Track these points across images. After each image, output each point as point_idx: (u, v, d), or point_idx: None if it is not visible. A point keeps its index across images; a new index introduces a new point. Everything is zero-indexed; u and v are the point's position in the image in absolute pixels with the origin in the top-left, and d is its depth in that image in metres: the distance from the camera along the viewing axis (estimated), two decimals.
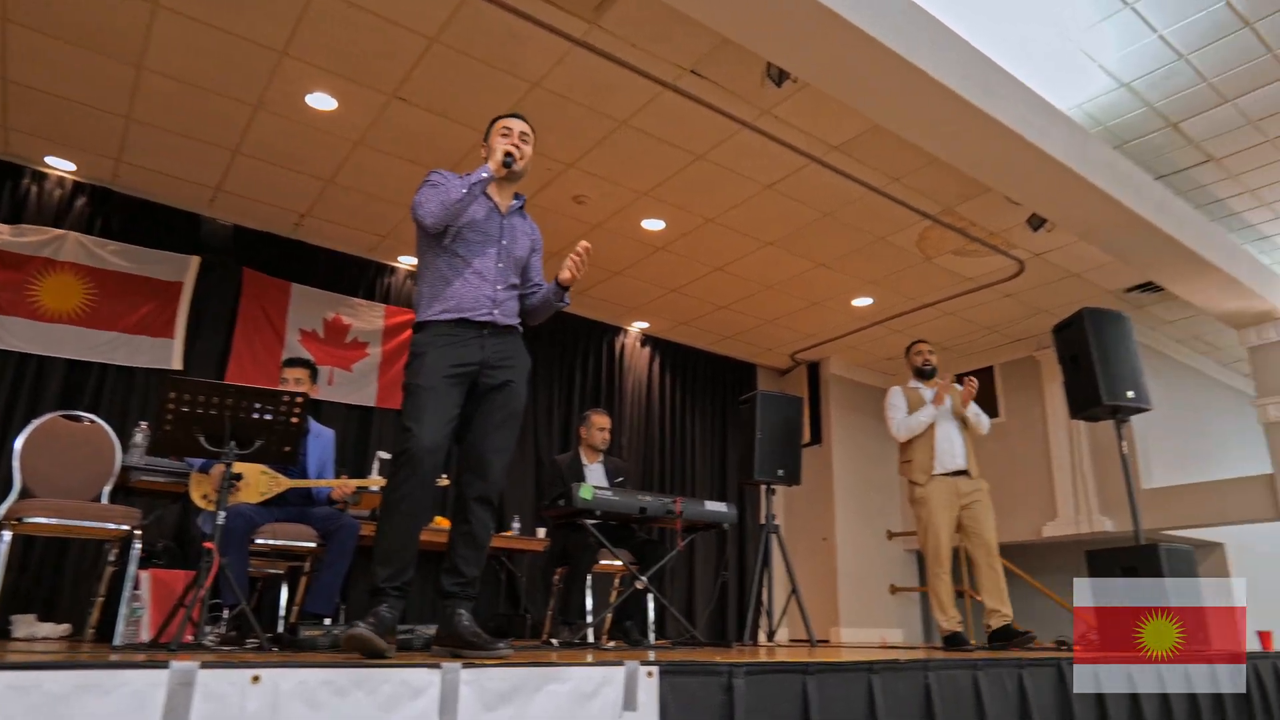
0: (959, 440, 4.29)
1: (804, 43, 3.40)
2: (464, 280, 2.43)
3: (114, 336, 5.23)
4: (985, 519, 4.17)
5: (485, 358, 2.40)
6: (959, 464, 4.25)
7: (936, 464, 4.25)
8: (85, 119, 4.66)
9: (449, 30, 3.94)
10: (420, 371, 2.32)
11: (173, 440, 2.80)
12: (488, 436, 2.41)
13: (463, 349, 2.37)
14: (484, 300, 2.43)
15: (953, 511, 4.17)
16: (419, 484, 2.24)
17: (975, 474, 4.29)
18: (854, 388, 8.52)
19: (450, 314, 2.39)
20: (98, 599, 3.31)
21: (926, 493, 4.22)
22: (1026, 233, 5.58)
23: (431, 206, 2.37)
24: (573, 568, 4.01)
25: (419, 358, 2.36)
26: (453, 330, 2.38)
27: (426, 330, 2.40)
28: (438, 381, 2.30)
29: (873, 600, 7.88)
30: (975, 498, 4.20)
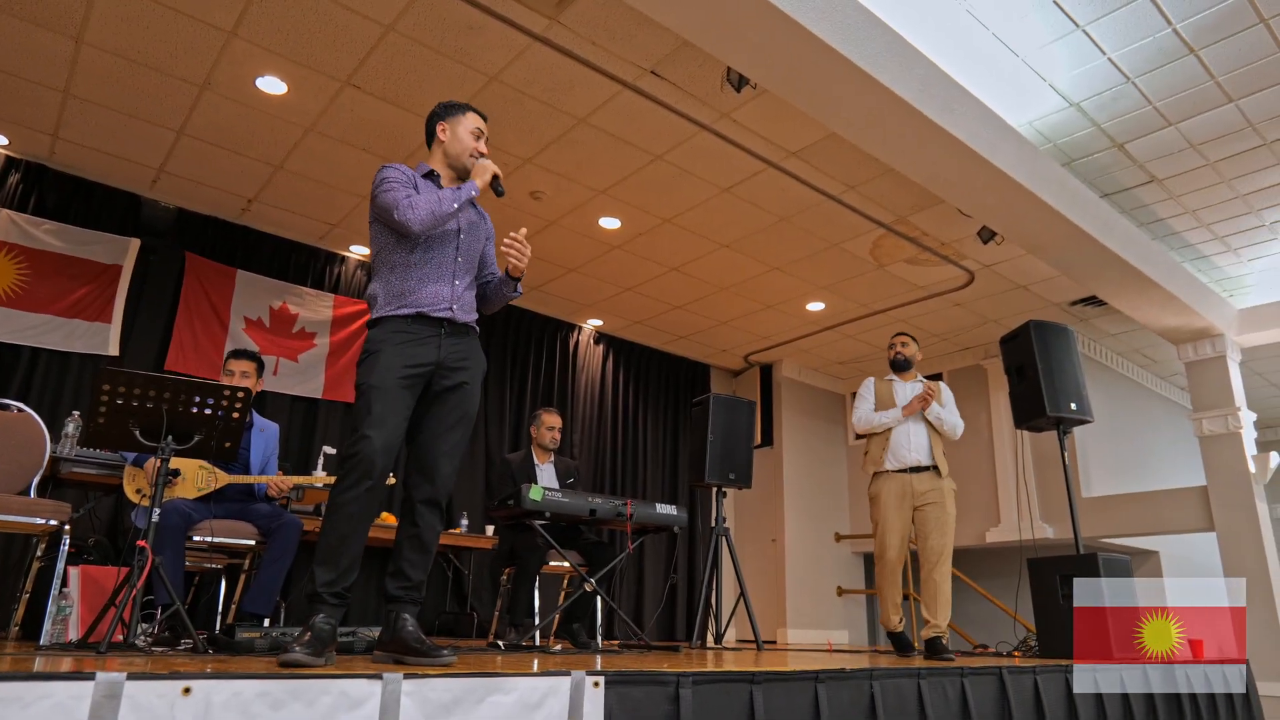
0: (919, 435, 4.12)
1: (764, 49, 3.41)
2: (422, 276, 2.37)
3: (47, 319, 5.02)
4: (936, 522, 3.99)
5: (441, 358, 2.35)
6: (916, 459, 4.08)
7: (889, 457, 4.12)
8: (20, 92, 4.45)
9: (405, 18, 3.86)
10: (374, 371, 2.26)
11: (106, 433, 2.70)
12: (439, 438, 2.36)
13: (419, 348, 2.31)
14: (442, 296, 2.38)
15: (904, 510, 4.04)
16: (368, 488, 2.19)
17: (943, 472, 4.09)
18: (806, 390, 8.63)
19: (408, 309, 2.33)
20: (24, 595, 3.17)
21: (877, 489, 4.14)
22: (977, 244, 5.72)
23: (422, 214, 2.29)
24: (520, 568, 3.98)
25: (374, 355, 2.29)
26: (409, 327, 2.32)
27: (382, 326, 2.33)
28: (392, 383, 2.25)
29: (820, 602, 8.01)
30: (931, 499, 4.02)
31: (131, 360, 5.27)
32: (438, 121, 2.54)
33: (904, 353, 4.39)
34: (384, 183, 2.37)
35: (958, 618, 6.97)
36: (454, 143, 2.50)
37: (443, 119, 2.53)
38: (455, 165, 2.51)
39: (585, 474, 7.35)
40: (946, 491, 4.07)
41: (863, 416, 4.28)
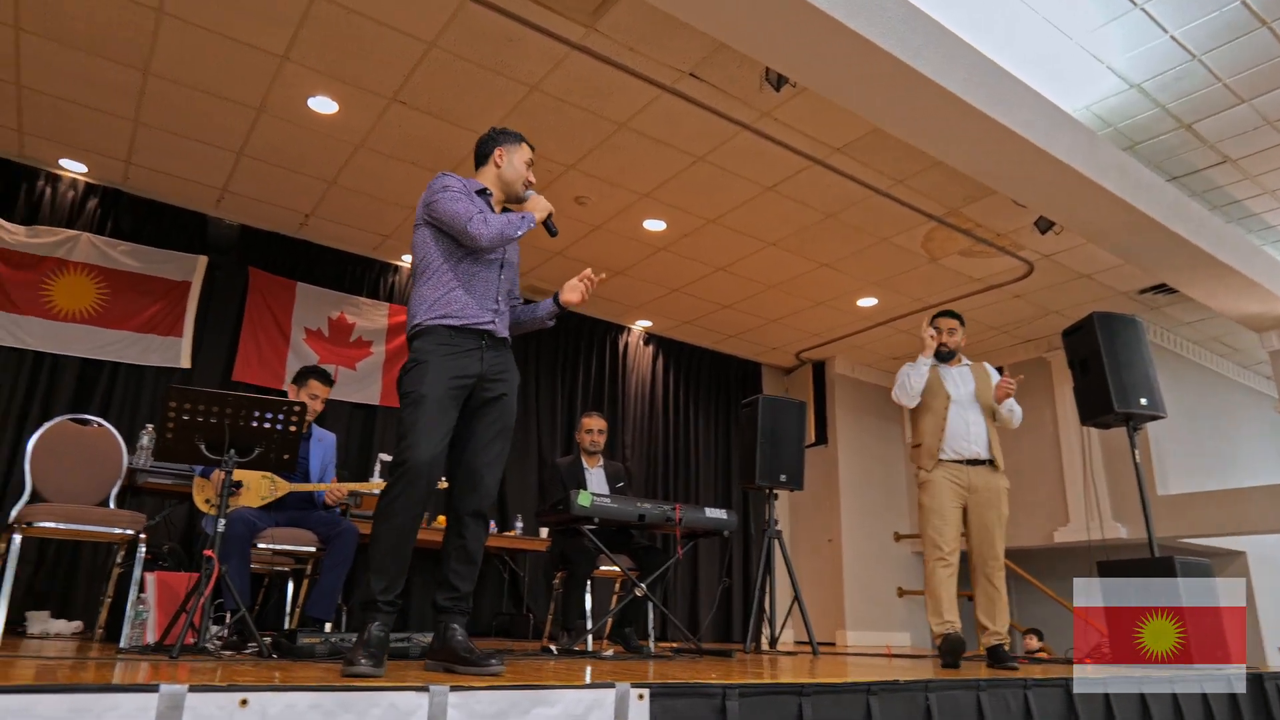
0: (979, 424, 3.81)
1: (803, 48, 3.37)
2: (469, 290, 2.43)
3: (124, 335, 5.29)
4: (992, 520, 3.75)
5: (483, 370, 2.40)
6: (975, 451, 3.77)
7: (946, 448, 3.79)
8: (95, 123, 4.71)
9: (446, 34, 3.94)
10: (423, 380, 2.30)
11: (175, 447, 2.84)
12: (482, 450, 2.40)
13: (464, 359, 2.36)
14: (487, 310, 2.43)
15: (959, 502, 3.74)
16: (417, 497, 2.23)
17: (1000, 467, 3.80)
18: (860, 387, 8.49)
19: (453, 320, 2.38)
20: (106, 599, 3.37)
21: (930, 477, 3.79)
22: (1035, 235, 5.53)
23: (494, 232, 2.36)
24: (571, 573, 4.03)
25: (420, 365, 2.33)
26: (453, 339, 2.37)
27: (427, 337, 2.38)
28: (441, 393, 2.29)
29: (879, 603, 7.87)
30: (986, 498, 3.74)
31: (202, 372, 5.52)
32: (496, 146, 2.60)
33: (949, 342, 3.96)
34: (447, 190, 2.42)
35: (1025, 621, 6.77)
36: (509, 170, 2.57)
37: (500, 144, 2.60)
38: (507, 191, 2.59)
39: (638, 476, 7.39)
40: (1002, 491, 3.83)
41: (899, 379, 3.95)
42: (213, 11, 3.81)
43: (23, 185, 5.15)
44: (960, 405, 3.85)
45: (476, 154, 2.64)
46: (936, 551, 3.74)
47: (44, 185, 5.22)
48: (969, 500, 3.80)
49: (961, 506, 3.79)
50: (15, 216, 5.09)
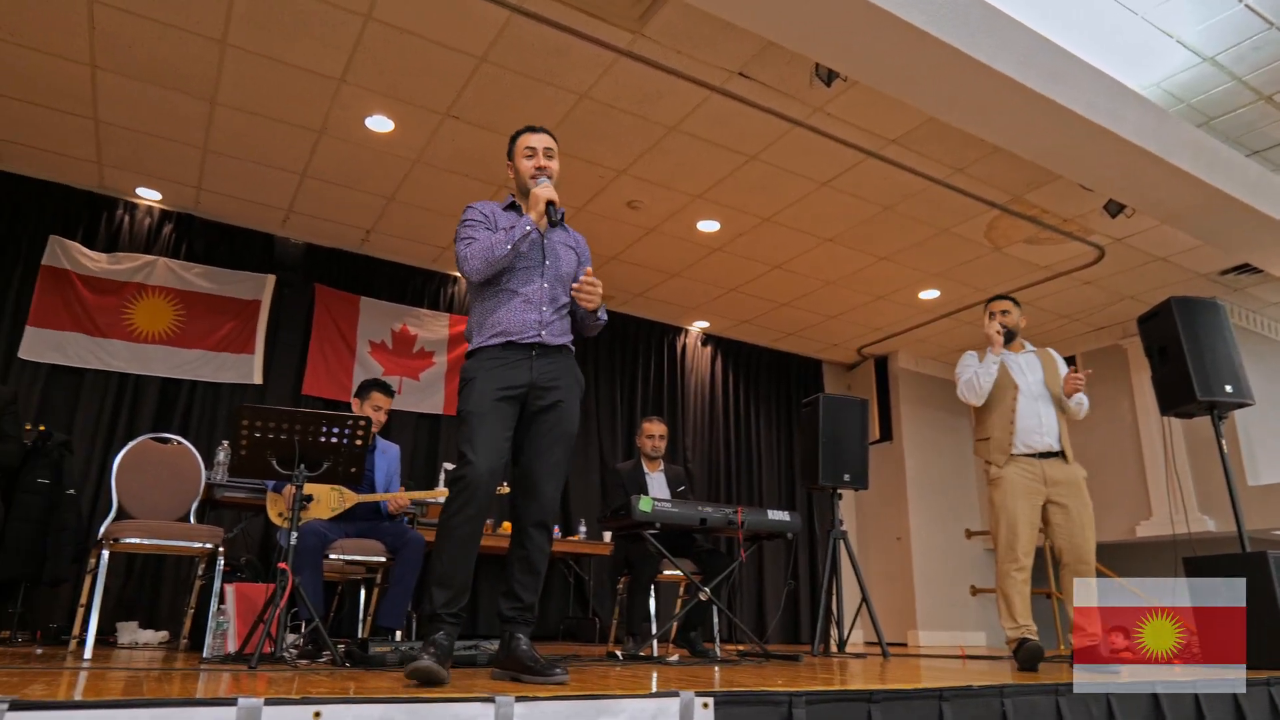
0: (1050, 416, 3.62)
1: (852, 42, 3.30)
2: (511, 308, 2.46)
3: (200, 354, 5.53)
4: (1079, 516, 3.50)
5: (533, 379, 2.42)
6: (1047, 444, 3.58)
7: (1017, 441, 3.60)
8: (168, 152, 4.93)
9: (495, 49, 3.99)
10: (471, 397, 2.36)
11: (248, 464, 2.95)
12: (539, 459, 2.42)
13: (511, 370, 2.39)
14: (530, 322, 2.45)
15: (1035, 499, 3.54)
16: (475, 510, 2.27)
17: (1071, 458, 3.61)
18: (924, 381, 8.27)
19: (499, 338, 2.43)
20: (189, 610, 3.52)
21: (1002, 473, 3.60)
22: (1105, 219, 5.30)
23: (476, 264, 2.42)
24: (635, 577, 4.03)
25: (469, 383, 2.40)
26: (500, 354, 2.41)
27: (476, 356, 2.44)
28: (488, 406, 2.33)
29: (952, 602, 7.65)
30: (1067, 491, 3.53)
31: (273, 387, 5.72)
32: (507, 162, 2.65)
33: (1005, 322, 3.79)
34: (461, 226, 2.51)
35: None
36: (518, 176, 2.59)
37: (508, 155, 2.64)
38: (524, 192, 2.58)
39: (700, 478, 7.36)
40: (1080, 481, 3.60)
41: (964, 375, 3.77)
42: (273, 40, 3.95)
43: (103, 215, 5.43)
44: (1029, 396, 3.66)
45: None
46: (1009, 553, 3.56)
47: (122, 214, 5.50)
48: (1051, 494, 3.58)
49: (1039, 504, 3.59)
50: (97, 245, 5.37)
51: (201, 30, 3.90)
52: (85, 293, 5.21)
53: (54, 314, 5.10)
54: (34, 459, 3.60)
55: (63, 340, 5.09)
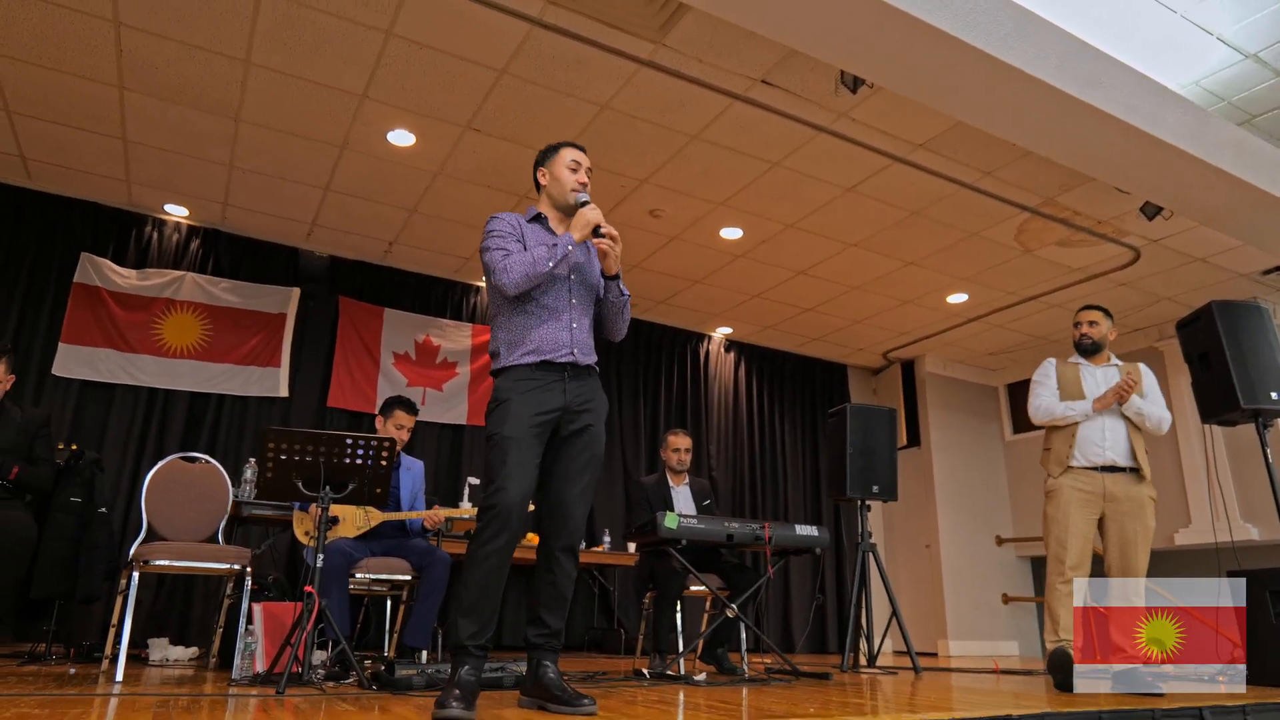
0: (1117, 430, 3.48)
1: (880, 49, 3.23)
2: (540, 322, 2.40)
3: (227, 368, 5.57)
4: (1134, 538, 3.36)
5: (567, 403, 2.37)
6: (1110, 458, 3.44)
7: (1077, 454, 3.47)
8: (194, 169, 4.98)
9: (516, 62, 3.97)
10: (506, 420, 2.29)
11: (275, 486, 2.94)
12: (570, 483, 2.37)
13: (545, 394, 2.34)
14: (563, 340, 2.40)
15: (1091, 511, 3.41)
16: (506, 540, 2.21)
17: (1145, 475, 3.46)
18: (953, 385, 8.14)
19: (531, 357, 2.36)
20: (218, 629, 3.54)
21: (1057, 484, 3.48)
22: (1140, 220, 5.16)
23: (516, 278, 2.31)
24: (661, 593, 3.99)
25: (502, 405, 2.32)
26: (534, 374, 2.35)
27: (508, 375, 2.37)
28: (524, 432, 2.27)
29: (983, 611, 7.52)
30: (1127, 509, 3.38)
31: (299, 400, 5.76)
32: (538, 168, 2.59)
33: (1091, 334, 3.66)
34: (487, 237, 2.43)
35: None
36: (554, 184, 2.52)
37: (541, 164, 2.58)
38: (560, 205, 2.53)
39: (724, 486, 7.30)
40: (1146, 501, 3.45)
41: (1043, 406, 3.62)
42: (295, 58, 3.96)
43: (133, 231, 5.50)
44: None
45: (533, 182, 2.63)
46: (1058, 566, 3.43)
47: (151, 230, 5.56)
48: (1107, 510, 3.45)
49: (1094, 518, 3.46)
50: (127, 261, 5.44)
51: (225, 50, 3.92)
52: (115, 309, 5.27)
53: (86, 330, 5.17)
54: (66, 478, 3.63)
55: (94, 356, 5.15)
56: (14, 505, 2.91)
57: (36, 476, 3.10)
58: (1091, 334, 3.67)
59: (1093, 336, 3.67)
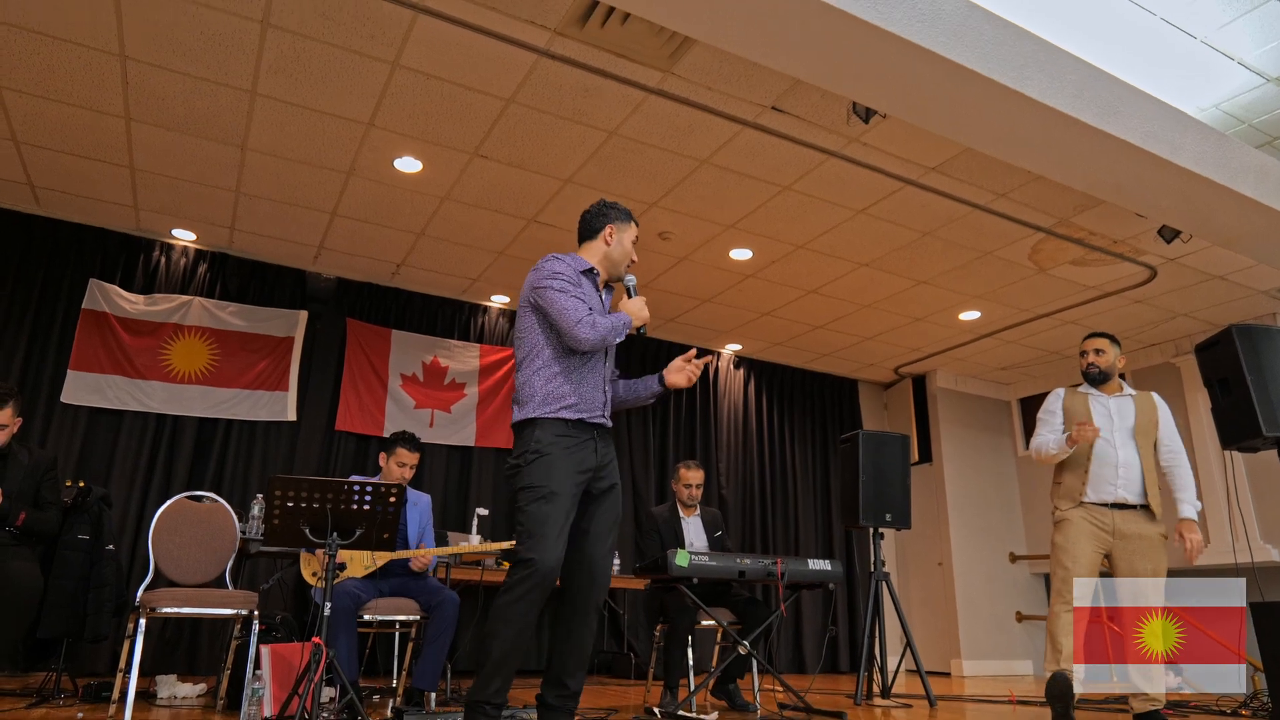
0: (1131, 463, 3.37)
1: (893, 81, 3.17)
2: (583, 379, 2.41)
3: (235, 393, 5.55)
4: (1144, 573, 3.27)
5: (598, 462, 2.40)
6: (1121, 496, 3.34)
7: (1088, 490, 3.37)
8: (201, 195, 4.96)
9: (523, 91, 3.93)
10: (551, 475, 2.26)
11: (282, 533, 2.90)
12: (599, 543, 2.39)
13: (582, 454, 2.35)
14: (599, 402, 2.44)
15: (1100, 545, 3.33)
16: (540, 598, 2.21)
17: (1158, 514, 3.34)
18: (966, 400, 8.05)
19: (569, 413, 2.35)
20: (226, 671, 3.51)
21: (1067, 515, 3.40)
22: (1159, 242, 5.08)
23: (596, 339, 2.32)
24: (672, 628, 3.93)
25: (545, 458, 2.28)
26: (570, 430, 2.35)
27: (545, 428, 2.33)
28: (570, 489, 2.28)
29: (998, 629, 7.43)
30: (1137, 548, 3.30)
31: (307, 423, 5.73)
32: (607, 223, 2.56)
33: (1098, 363, 3.55)
34: (556, 279, 2.38)
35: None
36: (618, 249, 2.56)
37: (612, 222, 2.56)
38: (612, 270, 2.56)
39: (733, 503, 7.23)
40: (1157, 539, 3.35)
41: (1033, 445, 3.59)
42: (301, 89, 3.93)
43: (141, 256, 5.49)
44: (1109, 443, 3.41)
45: (582, 226, 2.61)
46: (1062, 593, 3.34)
47: (159, 255, 5.55)
48: (1115, 548, 3.37)
49: (1102, 552, 3.38)
50: (135, 285, 5.43)
51: (231, 82, 3.89)
52: (124, 335, 5.26)
53: (94, 357, 5.16)
54: (74, 515, 3.61)
55: (102, 383, 5.14)
56: (20, 553, 2.89)
57: (43, 521, 3.08)
58: (1098, 363, 3.57)
59: (1099, 365, 3.57)
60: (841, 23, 2.81)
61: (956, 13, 2.96)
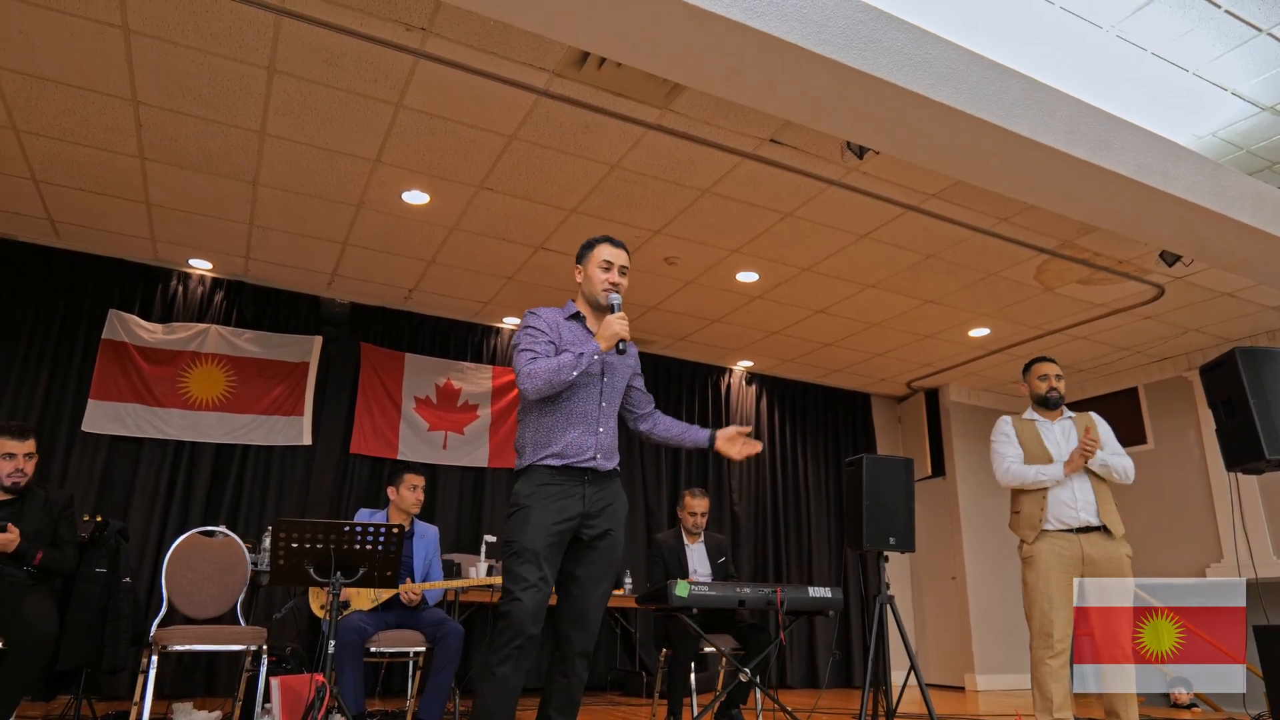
0: (1084, 488, 3.42)
1: (883, 122, 3.21)
2: (568, 424, 2.39)
3: (252, 419, 5.68)
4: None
5: (586, 509, 2.37)
6: (1083, 519, 3.38)
7: (1049, 517, 3.41)
8: (216, 228, 5.10)
9: (525, 128, 4.01)
10: (525, 530, 2.29)
11: (287, 572, 3.00)
12: (589, 590, 2.38)
13: (565, 501, 2.33)
14: (588, 446, 2.40)
15: (1072, 574, 3.30)
16: (521, 649, 2.22)
17: (1116, 533, 3.38)
18: (977, 413, 8.01)
19: (554, 460, 2.36)
20: (237, 703, 3.61)
21: (1034, 550, 3.41)
22: (1161, 265, 5.06)
23: (538, 384, 2.33)
24: (674, 656, 3.99)
25: (522, 511, 2.32)
26: (554, 478, 2.35)
27: (529, 478, 2.37)
28: (542, 544, 2.27)
29: (1012, 644, 7.37)
30: (1108, 568, 3.31)
31: (323, 447, 5.85)
32: (577, 266, 2.58)
33: (1059, 388, 3.64)
34: (522, 335, 2.44)
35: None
36: (587, 283, 2.53)
37: (579, 263, 2.57)
38: (593, 304, 2.54)
39: (745, 520, 7.26)
40: (1123, 560, 3.37)
41: (1011, 470, 3.56)
42: (309, 129, 4.04)
43: (159, 286, 5.64)
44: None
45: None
46: (1044, 640, 3.32)
47: (176, 284, 5.70)
48: (1085, 573, 3.34)
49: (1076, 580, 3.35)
50: (154, 314, 5.57)
51: (241, 123, 4.01)
52: (142, 364, 5.41)
53: (114, 386, 5.31)
54: (91, 549, 3.72)
55: (122, 411, 5.29)
56: (38, 592, 3.00)
57: (60, 560, 3.19)
58: (1059, 388, 3.63)
59: (1060, 390, 3.63)
60: (828, 70, 2.86)
61: (944, 57, 2.99)
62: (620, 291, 2.49)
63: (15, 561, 3.07)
